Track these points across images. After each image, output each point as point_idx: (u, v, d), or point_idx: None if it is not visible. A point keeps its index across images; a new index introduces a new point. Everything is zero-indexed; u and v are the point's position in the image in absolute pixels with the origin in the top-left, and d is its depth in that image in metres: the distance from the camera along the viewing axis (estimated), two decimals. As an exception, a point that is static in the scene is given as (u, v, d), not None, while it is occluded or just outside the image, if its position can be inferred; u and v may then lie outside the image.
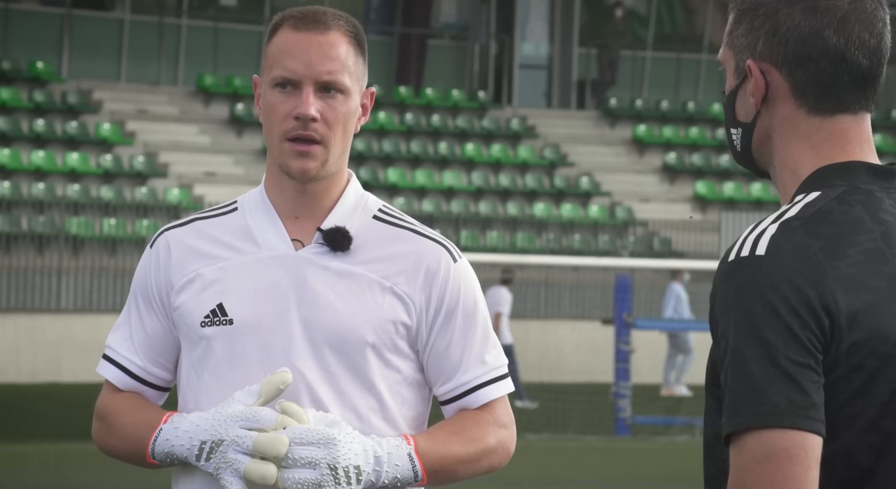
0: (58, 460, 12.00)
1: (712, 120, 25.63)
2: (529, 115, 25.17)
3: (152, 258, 2.47)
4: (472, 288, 2.44)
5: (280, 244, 2.42)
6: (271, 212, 2.44)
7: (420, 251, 2.42)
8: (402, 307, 2.40)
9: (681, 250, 22.57)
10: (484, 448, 2.42)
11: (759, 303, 1.76)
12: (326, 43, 2.39)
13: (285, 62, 2.39)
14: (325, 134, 2.39)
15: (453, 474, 2.39)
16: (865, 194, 1.85)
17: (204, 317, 2.40)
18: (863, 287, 1.79)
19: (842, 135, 1.88)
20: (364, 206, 2.46)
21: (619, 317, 15.47)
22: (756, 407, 1.74)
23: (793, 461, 1.73)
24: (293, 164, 2.38)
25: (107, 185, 21.11)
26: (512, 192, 23.30)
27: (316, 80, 2.38)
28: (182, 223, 2.50)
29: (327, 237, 2.40)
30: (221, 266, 2.42)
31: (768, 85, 1.89)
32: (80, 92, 22.63)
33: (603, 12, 26.55)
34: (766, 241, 1.80)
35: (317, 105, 2.38)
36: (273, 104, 2.40)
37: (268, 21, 25.41)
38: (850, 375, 1.78)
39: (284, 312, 2.38)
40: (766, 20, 1.88)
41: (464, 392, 2.42)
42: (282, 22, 2.44)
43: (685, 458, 12.67)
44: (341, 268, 2.40)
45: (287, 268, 2.40)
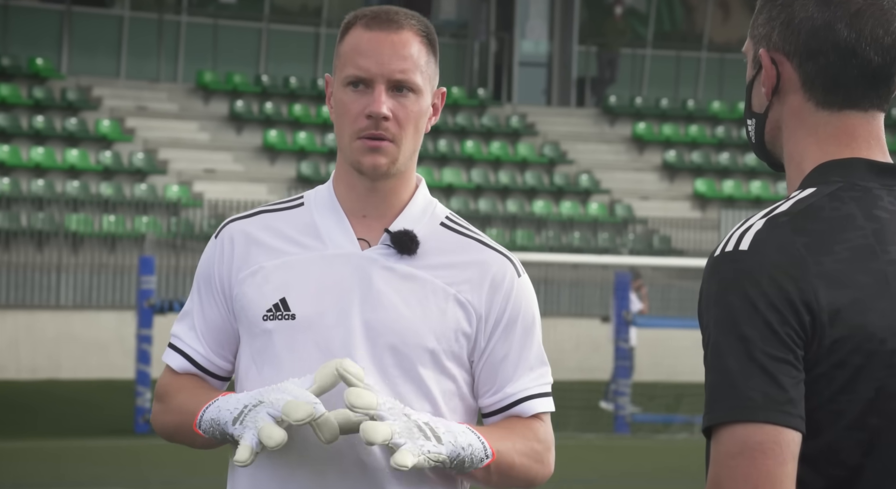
0: (56, 456, 11.99)
1: (712, 118, 25.62)
2: (529, 112, 25.15)
3: (216, 249, 2.47)
4: (532, 303, 2.45)
5: (346, 242, 2.42)
6: (338, 210, 2.44)
7: (486, 262, 2.42)
8: (465, 315, 2.40)
9: (680, 248, 22.56)
10: (535, 447, 2.41)
11: (739, 298, 1.76)
12: (399, 42, 2.40)
13: (357, 61, 2.39)
14: (396, 132, 2.39)
15: (511, 465, 2.37)
16: (862, 191, 1.84)
17: (266, 311, 2.40)
18: (848, 283, 1.78)
19: (849, 131, 1.87)
20: (432, 212, 2.47)
21: (619, 314, 15.46)
22: (731, 401, 1.74)
23: (766, 455, 1.72)
24: (365, 159, 2.38)
25: (106, 182, 21.09)
26: (511, 190, 23.29)
27: (388, 79, 2.39)
28: (248, 215, 2.50)
29: (395, 239, 2.41)
30: (286, 260, 2.42)
31: (780, 76, 1.88)
32: (79, 88, 22.62)
33: (602, 10, 26.53)
34: (751, 236, 1.79)
35: (388, 104, 2.38)
36: (345, 102, 2.40)
37: (267, 18, 25.47)
38: (834, 372, 1.77)
39: (347, 311, 2.38)
40: (783, 10, 1.88)
41: (512, 402, 2.42)
42: (354, 21, 2.44)
43: (685, 456, 12.66)
44: (406, 271, 2.40)
45: (352, 266, 2.40)
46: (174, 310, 14.02)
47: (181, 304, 14.02)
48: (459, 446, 2.27)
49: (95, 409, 15.51)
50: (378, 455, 2.37)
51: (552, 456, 2.44)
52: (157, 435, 2.48)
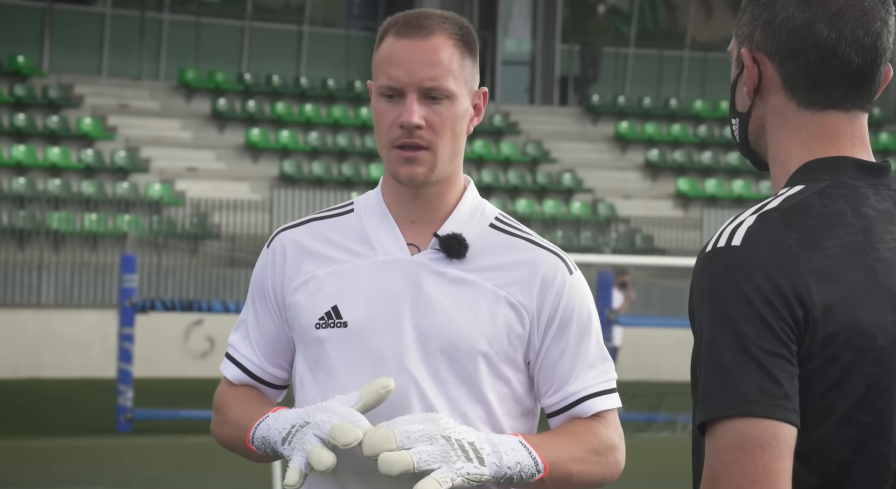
0: (38, 456, 11.95)
1: (694, 117, 25.67)
2: (512, 111, 25.16)
3: (269, 258, 2.48)
4: (587, 300, 2.44)
5: (396, 248, 2.42)
6: (387, 216, 2.44)
7: (536, 261, 2.41)
8: (517, 317, 2.39)
9: (663, 247, 22.60)
10: (595, 449, 2.39)
11: (733, 293, 1.76)
12: (428, 49, 2.39)
13: (388, 71, 2.39)
14: (431, 139, 2.39)
15: (568, 474, 2.35)
16: (850, 189, 1.84)
17: (319, 319, 2.41)
18: (839, 279, 1.78)
19: (832, 131, 1.87)
20: (481, 213, 2.46)
21: (602, 313, 15.48)
22: (728, 396, 1.74)
23: (763, 449, 1.72)
24: (401, 170, 2.39)
25: (88, 180, 21.03)
26: (495, 188, 23.30)
27: (419, 87, 2.38)
28: (298, 223, 2.51)
29: (444, 243, 2.41)
30: (337, 268, 2.43)
31: (761, 75, 1.89)
32: (61, 86, 22.55)
33: (585, 9, 26.56)
34: (743, 231, 1.80)
35: (421, 112, 2.38)
36: (380, 112, 2.41)
37: (250, 16, 25.39)
38: (826, 367, 1.78)
39: (398, 316, 2.39)
40: (765, 10, 1.89)
41: (573, 402, 2.41)
42: (388, 29, 2.44)
43: (667, 455, 12.67)
44: (456, 275, 2.40)
45: (402, 272, 2.41)
46: (156, 308, 13.99)
47: (163, 303, 13.99)
48: (505, 466, 2.27)
49: (77, 408, 15.46)
50: None
51: (620, 454, 2.42)
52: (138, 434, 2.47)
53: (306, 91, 23.85)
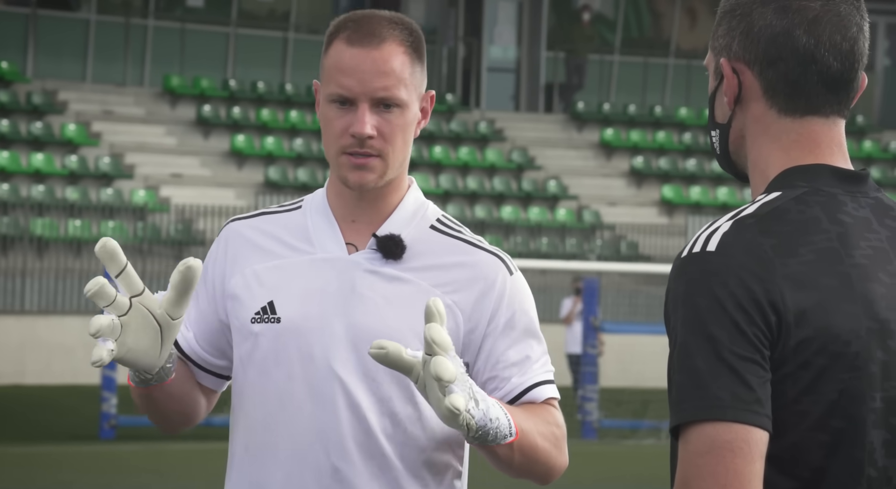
0: (21, 462, 11.91)
1: (679, 124, 25.72)
2: (497, 118, 25.19)
3: (217, 248, 2.50)
4: (528, 300, 2.44)
5: (334, 247, 2.43)
6: (329, 215, 2.45)
7: (476, 263, 2.42)
8: (452, 317, 2.38)
9: (647, 254, 22.63)
10: (554, 433, 2.38)
11: (707, 298, 1.77)
12: (380, 58, 2.38)
13: (340, 79, 2.38)
14: (382, 148, 2.39)
15: (534, 445, 2.33)
16: (826, 196, 1.85)
17: (255, 314, 2.42)
18: (812, 285, 1.79)
19: (811, 137, 1.88)
20: (423, 214, 2.46)
21: (587, 320, 15.49)
22: (700, 400, 1.75)
23: (735, 454, 1.73)
24: (351, 176, 2.39)
25: (72, 186, 20.99)
26: (480, 195, 23.31)
27: (371, 97, 2.38)
28: (249, 216, 2.52)
29: (381, 244, 2.41)
30: (276, 264, 2.43)
31: (741, 84, 1.90)
32: (45, 92, 22.50)
33: (570, 16, 26.60)
34: (718, 237, 1.80)
35: (373, 121, 2.38)
36: (330, 119, 2.40)
37: (235, 22, 25.39)
38: (799, 372, 1.78)
39: (330, 315, 2.39)
40: (742, 20, 1.89)
41: (523, 390, 2.40)
42: (337, 33, 2.43)
43: (652, 462, 12.69)
44: (392, 274, 2.40)
45: (338, 271, 2.41)
46: (140, 315, 13.92)
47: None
48: (489, 417, 2.23)
49: (61, 415, 15.41)
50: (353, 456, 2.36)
51: (566, 446, 2.41)
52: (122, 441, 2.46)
53: (291, 97, 23.84)
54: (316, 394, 2.36)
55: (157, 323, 2.31)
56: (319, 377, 2.37)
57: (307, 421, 2.37)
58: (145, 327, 2.31)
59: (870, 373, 1.80)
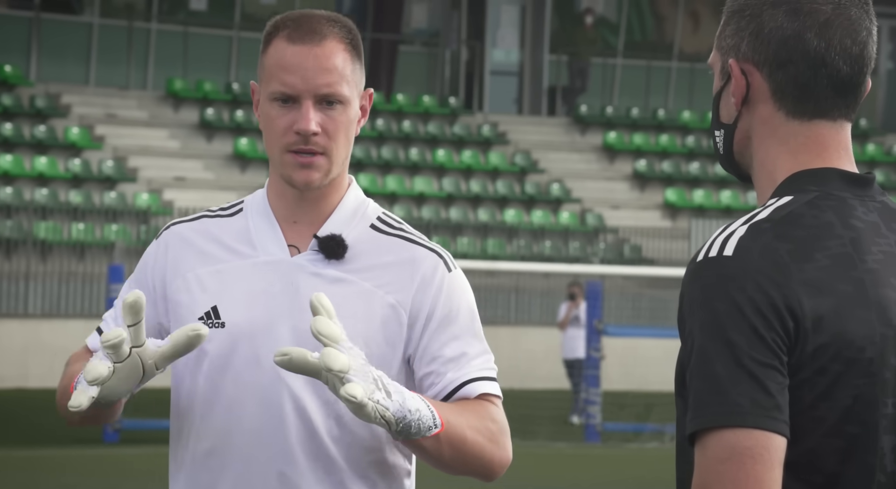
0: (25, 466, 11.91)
1: (682, 127, 25.72)
2: (500, 121, 25.19)
3: (156, 250, 2.47)
4: (466, 296, 2.43)
5: (276, 249, 2.41)
6: (270, 217, 2.44)
7: (416, 260, 2.41)
8: (395, 316, 2.38)
9: (651, 257, 22.62)
10: (489, 427, 2.37)
11: (725, 303, 1.76)
12: (323, 55, 2.38)
13: (282, 77, 2.38)
14: (326, 145, 2.38)
15: (463, 438, 2.32)
16: (837, 200, 1.85)
17: (198, 319, 2.40)
18: (829, 291, 1.79)
19: (819, 141, 1.88)
20: (363, 213, 2.45)
21: (590, 323, 15.48)
22: (719, 406, 1.74)
23: (755, 460, 1.73)
24: (296, 175, 2.38)
25: (75, 190, 21.00)
26: (483, 199, 23.31)
27: (315, 94, 2.37)
28: (190, 219, 2.50)
29: (322, 245, 2.40)
30: (219, 268, 2.42)
31: (749, 85, 1.89)
32: (48, 96, 22.51)
33: (573, 19, 26.60)
34: (735, 242, 1.80)
35: (317, 118, 2.37)
36: (273, 117, 2.39)
37: (238, 26, 25.38)
38: (815, 378, 1.78)
39: (275, 318, 2.37)
40: (752, 21, 1.89)
41: (457, 386, 2.39)
42: (275, 32, 2.42)
43: (655, 465, 12.68)
44: (334, 275, 2.39)
45: (281, 274, 2.39)
46: (143, 318, 13.93)
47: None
48: (406, 408, 2.23)
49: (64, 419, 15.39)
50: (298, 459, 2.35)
51: (509, 441, 2.39)
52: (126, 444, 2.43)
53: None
54: (263, 398, 2.36)
55: (143, 371, 2.30)
56: (266, 381, 2.36)
57: (255, 426, 2.36)
58: (131, 375, 2.29)
59: (884, 379, 1.80)
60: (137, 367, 2.28)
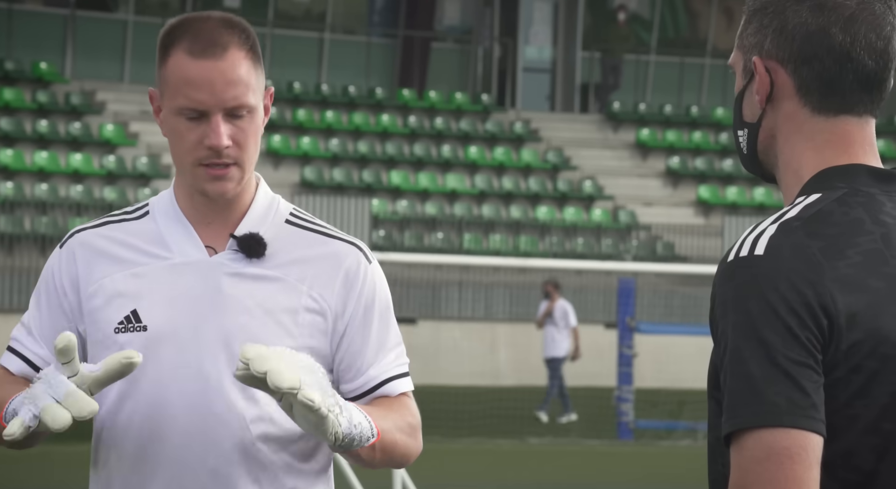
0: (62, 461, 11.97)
1: (716, 124, 25.63)
2: (533, 118, 25.17)
3: (61, 259, 2.43)
4: (385, 288, 2.45)
5: (193, 250, 2.40)
6: (182, 218, 2.42)
7: (336, 254, 2.41)
8: (319, 310, 2.38)
9: (684, 254, 22.56)
10: (411, 424, 2.41)
11: (758, 302, 1.76)
12: (228, 68, 2.36)
13: (189, 93, 2.36)
14: (238, 156, 2.38)
15: (394, 442, 2.35)
16: (866, 197, 1.84)
17: (118, 324, 2.37)
18: (862, 288, 1.78)
19: (845, 137, 1.87)
20: (276, 210, 2.45)
21: (623, 321, 15.46)
22: (756, 406, 1.73)
23: (793, 460, 1.72)
24: (209, 187, 2.37)
25: (110, 186, 21.11)
26: (515, 196, 23.29)
27: (223, 108, 2.36)
28: (94, 225, 2.46)
29: (242, 244, 2.39)
30: (134, 272, 2.39)
31: (773, 83, 1.89)
32: (83, 93, 22.64)
33: (606, 16, 26.55)
34: (765, 241, 1.79)
35: (227, 131, 2.36)
36: (180, 132, 2.38)
37: (271, 23, 25.45)
38: (850, 376, 1.77)
39: (200, 319, 2.36)
40: (775, 18, 1.88)
41: (378, 383, 2.41)
42: (174, 43, 2.40)
43: (688, 463, 12.65)
44: (256, 273, 2.38)
45: (201, 274, 2.38)
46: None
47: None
48: (353, 424, 2.25)
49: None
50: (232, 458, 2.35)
51: (420, 432, 2.44)
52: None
53: (327, 98, 23.89)
54: (190, 399, 2.35)
55: None
56: (192, 382, 2.35)
57: (185, 427, 2.35)
58: None
59: None
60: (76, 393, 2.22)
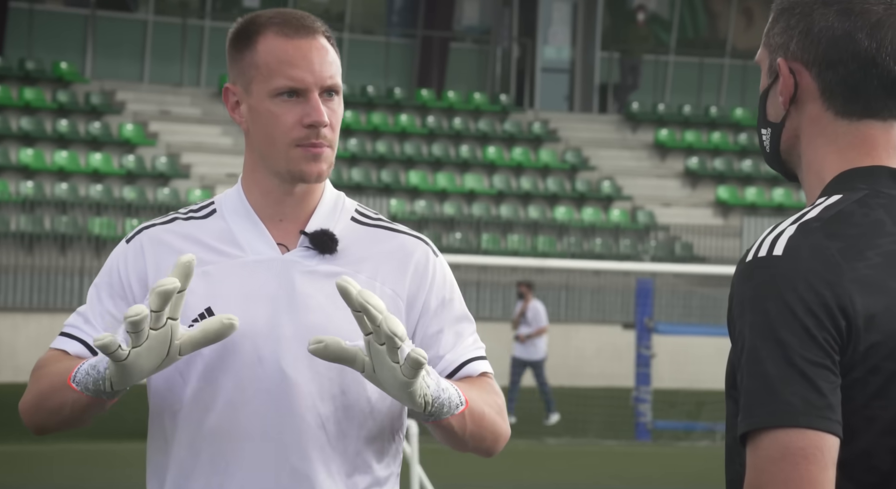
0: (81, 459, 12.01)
1: (734, 125, 25.58)
2: (551, 118, 25.15)
3: (128, 253, 2.42)
4: (452, 278, 2.48)
5: (265, 248, 2.40)
6: (253, 216, 2.42)
7: (404, 248, 2.43)
8: (393, 306, 2.39)
9: (702, 255, 22.53)
10: (496, 401, 2.41)
11: (776, 303, 1.76)
12: (322, 47, 2.41)
13: (287, 71, 2.38)
14: (331, 137, 2.40)
15: (482, 414, 2.35)
16: (888, 198, 1.84)
17: (192, 322, 2.35)
18: (881, 289, 1.78)
19: (868, 140, 1.88)
20: (342, 207, 2.46)
21: (641, 321, 15.44)
22: (772, 406, 1.74)
23: (809, 460, 1.72)
24: (307, 168, 2.38)
25: (129, 186, 21.17)
26: (533, 196, 23.29)
27: (321, 86, 2.39)
28: (162, 221, 2.45)
29: (314, 240, 2.40)
30: (206, 270, 2.38)
31: (797, 85, 1.89)
32: (103, 92, 22.71)
33: (625, 16, 26.52)
34: (784, 241, 1.79)
35: (324, 111, 2.39)
36: (277, 114, 2.38)
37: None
38: (868, 377, 1.77)
39: (275, 317, 2.36)
40: (801, 20, 1.88)
41: (455, 368, 2.42)
42: (260, 29, 2.44)
43: (706, 463, 12.63)
44: (329, 270, 2.39)
45: (275, 272, 2.38)
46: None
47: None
48: (440, 387, 2.27)
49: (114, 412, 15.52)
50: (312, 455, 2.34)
51: (507, 415, 2.44)
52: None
53: (346, 97, 23.89)
54: (269, 397, 2.34)
55: (167, 352, 2.24)
56: (270, 380, 2.35)
57: (262, 425, 2.35)
58: (158, 350, 2.23)
59: None
60: (166, 343, 2.22)
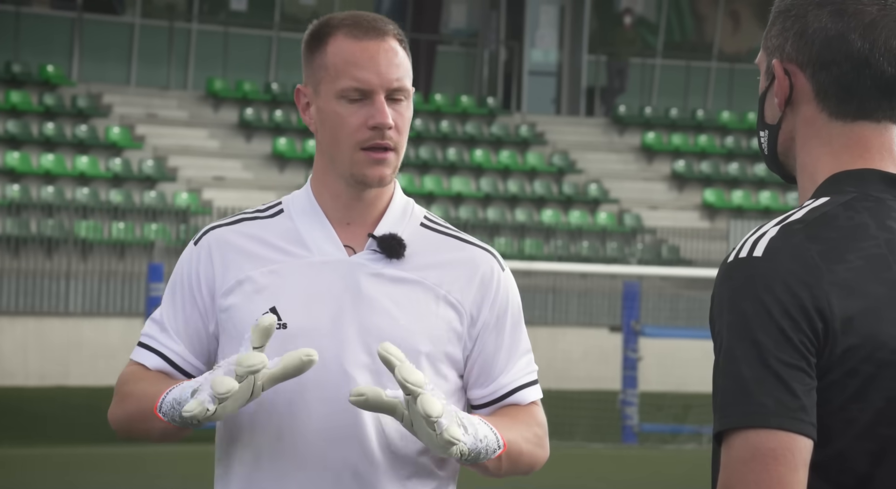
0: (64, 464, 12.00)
1: (721, 128, 25.62)
2: (538, 121, 25.17)
3: (197, 255, 2.42)
4: (517, 295, 2.48)
5: (333, 249, 2.40)
6: (321, 217, 2.41)
7: (472, 260, 2.43)
8: (456, 316, 2.40)
9: (689, 258, 22.55)
10: (537, 434, 2.44)
11: (753, 303, 1.76)
12: (390, 49, 2.39)
13: (353, 73, 2.37)
14: (397, 140, 2.39)
15: (520, 452, 2.38)
16: (875, 202, 1.84)
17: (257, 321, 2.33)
18: (860, 292, 1.78)
19: (862, 142, 1.87)
20: (411, 213, 2.46)
21: (627, 324, 15.46)
22: (744, 407, 1.74)
23: (779, 461, 1.72)
24: (370, 172, 2.38)
25: (116, 189, 21.13)
26: (520, 199, 23.30)
27: (387, 88, 2.38)
28: (229, 222, 2.46)
29: (382, 244, 2.39)
30: (272, 269, 2.39)
31: (792, 86, 1.89)
32: (89, 95, 22.66)
33: (612, 19, 26.55)
34: (765, 243, 1.80)
35: (390, 113, 2.38)
36: (343, 115, 2.38)
37: (278, 26, 25.50)
38: (845, 380, 1.77)
39: (339, 318, 2.36)
40: (796, 21, 1.88)
41: (508, 392, 2.44)
42: (330, 31, 2.43)
43: (693, 466, 12.64)
44: (396, 274, 2.39)
45: (341, 273, 2.38)
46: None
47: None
48: (478, 438, 2.27)
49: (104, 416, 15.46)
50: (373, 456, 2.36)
51: (547, 440, 2.48)
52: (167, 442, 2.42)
53: (333, 101, 23.85)
54: (332, 399, 2.34)
55: (251, 394, 2.26)
56: (333, 381, 2.35)
57: (325, 427, 2.34)
58: (244, 396, 2.26)
59: None
60: (249, 388, 2.25)
